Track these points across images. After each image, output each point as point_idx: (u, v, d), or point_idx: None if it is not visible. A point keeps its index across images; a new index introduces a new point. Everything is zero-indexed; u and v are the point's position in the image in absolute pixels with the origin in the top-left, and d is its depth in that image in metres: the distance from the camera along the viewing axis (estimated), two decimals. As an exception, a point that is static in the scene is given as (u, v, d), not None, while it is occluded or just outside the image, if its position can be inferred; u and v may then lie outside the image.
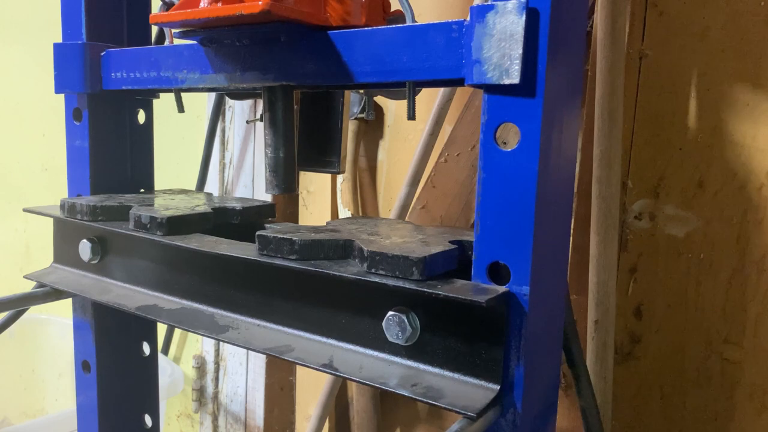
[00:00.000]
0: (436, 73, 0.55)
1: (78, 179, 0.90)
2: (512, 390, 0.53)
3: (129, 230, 0.73)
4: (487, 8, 0.50)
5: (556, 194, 0.55)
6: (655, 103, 1.00)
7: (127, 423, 0.98)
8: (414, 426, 1.30)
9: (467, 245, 0.59)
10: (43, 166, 2.17)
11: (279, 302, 0.64)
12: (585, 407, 0.73)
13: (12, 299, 0.81)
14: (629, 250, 1.04)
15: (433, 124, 1.14)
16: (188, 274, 0.71)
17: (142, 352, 0.99)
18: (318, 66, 0.63)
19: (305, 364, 0.59)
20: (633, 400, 1.05)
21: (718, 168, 0.96)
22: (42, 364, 2.03)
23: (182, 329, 0.77)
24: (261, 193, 1.54)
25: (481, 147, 0.53)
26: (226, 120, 1.59)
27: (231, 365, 1.62)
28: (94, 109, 0.88)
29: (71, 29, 0.87)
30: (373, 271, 0.55)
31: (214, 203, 0.82)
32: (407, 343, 0.54)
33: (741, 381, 0.96)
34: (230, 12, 0.59)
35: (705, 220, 0.97)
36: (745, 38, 0.93)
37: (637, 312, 1.04)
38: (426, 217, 1.19)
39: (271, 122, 0.70)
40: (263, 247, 0.62)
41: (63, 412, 1.37)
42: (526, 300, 0.52)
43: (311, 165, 0.80)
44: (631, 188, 1.03)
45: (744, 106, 0.93)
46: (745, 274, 0.95)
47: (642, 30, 1.01)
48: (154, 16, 0.66)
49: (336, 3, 0.64)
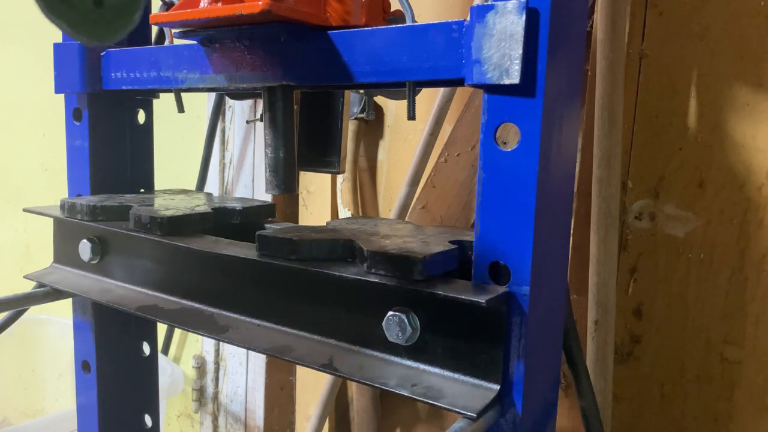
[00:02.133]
0: (436, 73, 0.55)
1: (78, 179, 0.90)
2: (512, 390, 0.53)
3: (129, 230, 0.73)
4: (487, 8, 0.50)
5: (556, 194, 0.55)
6: (655, 103, 1.00)
7: (127, 423, 0.98)
8: (414, 426, 1.30)
9: (467, 245, 0.59)
10: (43, 166, 2.17)
11: (279, 302, 0.64)
12: (585, 407, 0.73)
13: (12, 299, 0.81)
14: (629, 250, 1.04)
15: (433, 124, 1.14)
16: (188, 274, 0.71)
17: (142, 352, 0.99)
18: (318, 66, 0.63)
19: (305, 364, 0.59)
20: (633, 400, 1.05)
21: (718, 168, 0.96)
22: (42, 364, 2.03)
23: (182, 329, 0.77)
24: (261, 193, 1.54)
25: (481, 147, 0.53)
26: (226, 120, 1.59)
27: (231, 365, 1.62)
28: (94, 109, 0.88)
29: (71, 29, 0.87)
30: (373, 271, 0.55)
31: (214, 203, 0.82)
32: (407, 343, 0.54)
33: (741, 381, 0.96)
34: (230, 12, 0.59)
35: (705, 220, 0.97)
36: (745, 38, 0.93)
37: (637, 312, 1.04)
38: (426, 217, 1.19)
39: (271, 122, 0.70)
40: (263, 247, 0.62)
41: (63, 412, 1.37)
42: (526, 300, 0.52)
43: (311, 165, 0.80)
44: (631, 188, 1.03)
45: (744, 106, 0.93)
46: (745, 274, 0.95)
47: (642, 30, 1.01)
48: (154, 16, 0.66)
49: (336, 3, 0.64)
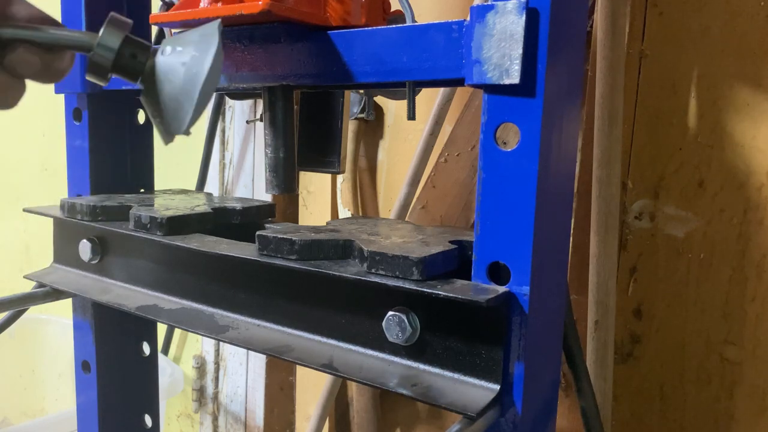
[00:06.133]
0: (436, 73, 0.55)
1: (78, 179, 0.90)
2: (512, 390, 0.53)
3: (129, 230, 0.73)
4: (487, 8, 0.50)
5: (556, 194, 0.55)
6: (655, 103, 1.00)
7: (127, 423, 0.98)
8: (414, 426, 1.30)
9: (467, 245, 0.59)
10: (43, 166, 2.17)
11: (279, 302, 0.64)
12: (585, 407, 0.73)
13: (12, 299, 0.81)
14: (629, 250, 1.04)
15: (433, 124, 1.14)
16: (188, 274, 0.71)
17: (142, 352, 0.99)
18: (318, 66, 0.63)
19: (305, 364, 0.59)
20: (633, 400, 1.05)
21: (718, 168, 0.96)
22: (42, 364, 2.03)
23: (182, 329, 0.77)
24: (261, 193, 1.54)
25: (481, 147, 0.53)
26: (226, 120, 1.59)
27: (231, 365, 1.62)
28: (94, 109, 0.88)
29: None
30: (373, 271, 0.55)
31: (214, 203, 0.82)
32: (407, 343, 0.54)
33: (741, 381, 0.96)
34: (230, 12, 0.59)
35: (705, 220, 0.97)
36: (744, 38, 0.93)
37: (637, 312, 1.04)
38: (426, 217, 1.19)
39: (271, 122, 0.70)
40: (263, 247, 0.62)
41: (63, 412, 1.37)
42: (526, 300, 0.52)
43: (311, 165, 0.80)
44: (631, 188, 1.03)
45: (744, 106, 0.93)
46: (745, 274, 0.95)
47: (642, 30, 1.01)
48: (154, 16, 0.66)
49: (336, 3, 0.64)
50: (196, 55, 0.50)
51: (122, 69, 0.52)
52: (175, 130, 0.51)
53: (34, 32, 0.50)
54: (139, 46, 0.52)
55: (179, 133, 0.51)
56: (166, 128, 0.52)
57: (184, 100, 0.50)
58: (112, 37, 0.51)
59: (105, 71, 0.51)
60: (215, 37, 0.50)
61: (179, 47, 0.51)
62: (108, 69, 0.51)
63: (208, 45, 0.50)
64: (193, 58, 0.50)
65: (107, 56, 0.51)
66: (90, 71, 0.51)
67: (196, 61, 0.50)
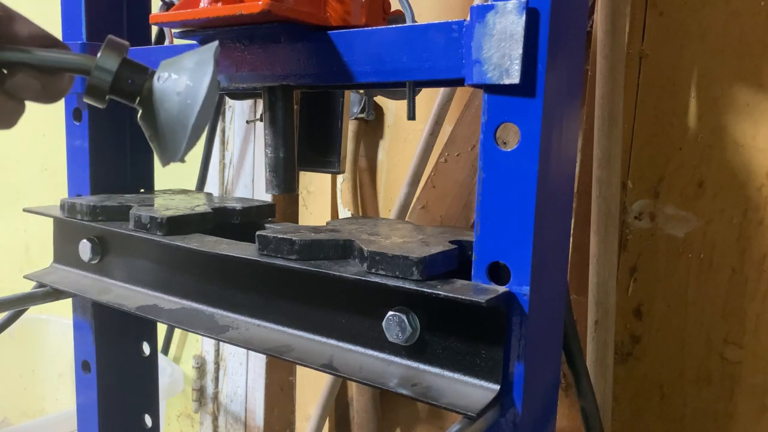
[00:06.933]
0: (436, 73, 0.55)
1: (78, 179, 0.90)
2: (512, 390, 0.53)
3: (129, 230, 0.73)
4: (487, 8, 0.50)
5: (556, 194, 0.55)
6: (655, 104, 1.00)
7: (127, 423, 0.98)
8: (414, 426, 1.30)
9: (467, 245, 0.59)
10: (43, 166, 2.17)
11: (279, 302, 0.64)
12: (585, 407, 0.73)
13: (12, 299, 0.81)
14: (629, 250, 1.04)
15: (433, 124, 1.14)
16: (188, 274, 0.71)
17: (142, 352, 0.99)
18: (318, 66, 0.63)
19: (305, 364, 0.59)
20: (633, 400, 1.05)
21: (718, 168, 0.96)
22: (42, 364, 2.03)
23: (182, 329, 0.77)
24: (261, 193, 1.54)
25: (481, 147, 0.53)
26: (226, 120, 1.59)
27: (231, 365, 1.62)
28: (94, 109, 0.88)
29: (71, 29, 0.87)
30: (373, 271, 0.55)
31: (214, 203, 0.82)
32: (407, 343, 0.54)
33: (741, 381, 0.96)
34: (230, 12, 0.59)
35: (705, 220, 0.97)
36: (744, 38, 0.93)
37: (637, 312, 1.04)
38: (426, 217, 1.19)
39: (271, 122, 0.70)
40: (263, 247, 0.62)
41: (63, 412, 1.37)
42: (526, 300, 0.52)
43: (311, 165, 0.80)
44: (631, 188, 1.03)
45: (744, 106, 0.93)
46: (745, 274, 0.95)
47: (642, 30, 1.01)
48: (154, 16, 0.66)
49: (336, 3, 0.64)
50: (191, 86, 0.50)
51: (120, 91, 0.52)
52: (170, 157, 0.51)
53: (35, 56, 0.51)
54: (137, 68, 0.53)
55: (174, 161, 0.51)
56: (163, 153, 0.52)
57: (178, 130, 0.50)
58: (110, 60, 0.51)
59: (103, 94, 0.52)
60: (210, 65, 0.50)
61: (174, 74, 0.51)
62: (106, 91, 0.52)
63: (203, 74, 0.50)
64: (187, 88, 0.50)
65: (105, 79, 0.51)
66: (88, 93, 0.52)
67: (191, 92, 0.50)
